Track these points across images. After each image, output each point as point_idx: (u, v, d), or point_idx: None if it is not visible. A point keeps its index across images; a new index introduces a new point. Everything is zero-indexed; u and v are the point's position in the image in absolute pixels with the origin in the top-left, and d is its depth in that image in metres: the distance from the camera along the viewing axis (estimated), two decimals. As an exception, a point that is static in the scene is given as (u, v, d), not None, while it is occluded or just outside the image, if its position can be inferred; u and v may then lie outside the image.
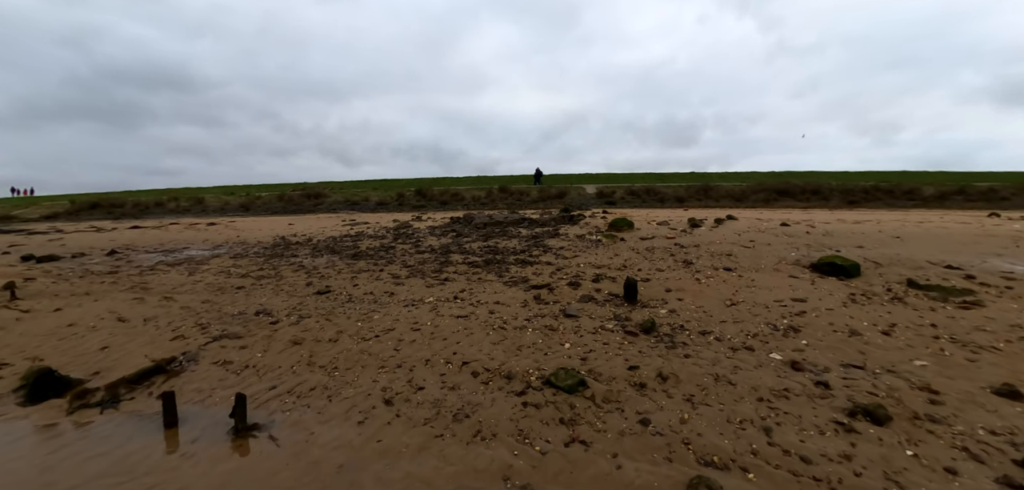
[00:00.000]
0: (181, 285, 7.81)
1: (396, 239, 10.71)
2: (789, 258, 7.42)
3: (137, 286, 7.83)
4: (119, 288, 7.76)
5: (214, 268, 9.24)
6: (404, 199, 30.28)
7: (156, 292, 7.35)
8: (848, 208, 24.24)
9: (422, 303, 5.70)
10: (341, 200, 31.85)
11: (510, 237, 9.99)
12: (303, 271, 8.31)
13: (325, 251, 10.13)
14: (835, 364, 3.74)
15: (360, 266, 8.36)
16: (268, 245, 11.82)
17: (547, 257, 8.00)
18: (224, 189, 43.94)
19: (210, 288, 7.45)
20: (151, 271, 9.34)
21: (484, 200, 30.60)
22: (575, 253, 8.25)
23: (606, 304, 5.40)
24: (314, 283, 7.34)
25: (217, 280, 8.03)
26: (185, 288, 7.52)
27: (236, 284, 7.61)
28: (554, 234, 10.03)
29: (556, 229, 10.73)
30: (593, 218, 12.93)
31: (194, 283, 7.89)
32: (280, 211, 30.00)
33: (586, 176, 43.84)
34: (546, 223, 11.44)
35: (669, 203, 27.94)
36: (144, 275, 8.92)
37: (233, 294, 6.95)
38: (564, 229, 10.84)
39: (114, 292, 7.42)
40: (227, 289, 7.33)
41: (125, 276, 8.87)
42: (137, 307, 6.27)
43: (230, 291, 7.20)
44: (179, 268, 9.47)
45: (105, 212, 35.28)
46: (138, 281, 8.22)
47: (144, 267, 9.94)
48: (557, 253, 8.28)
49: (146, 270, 9.49)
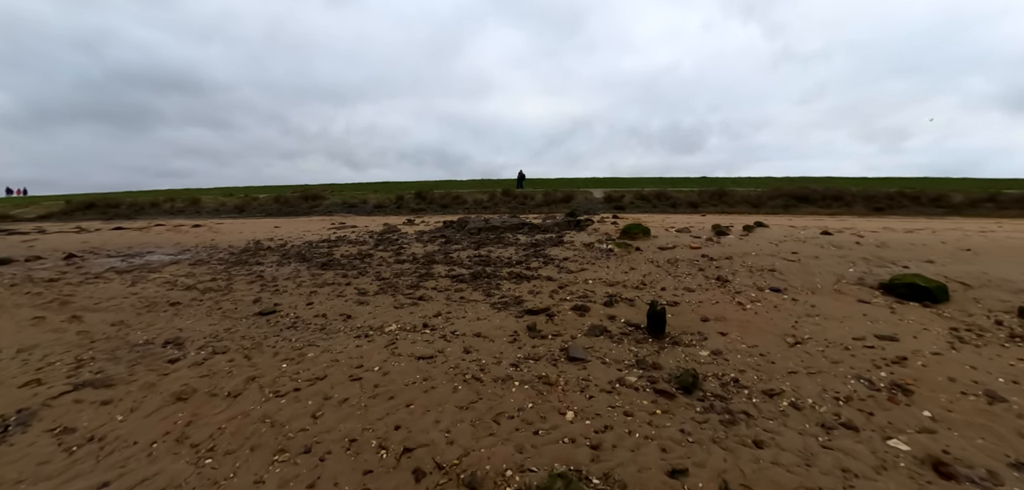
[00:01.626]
0: (110, 299, 6.53)
1: (377, 245, 9.37)
2: (849, 276, 5.97)
3: (57, 299, 6.55)
4: (34, 301, 6.48)
5: (163, 277, 7.97)
6: (403, 202, 28.98)
7: (72, 308, 6.07)
8: (875, 215, 22.62)
9: (379, 333, 4.33)
10: (339, 202, 30.63)
11: (506, 245, 8.61)
12: (258, 283, 6.99)
13: (294, 258, 8.81)
14: (999, 462, 2.32)
15: (326, 278, 7.02)
16: (237, 250, 10.53)
17: (548, 270, 6.61)
18: (223, 191, 42.97)
19: (141, 303, 6.16)
20: (93, 279, 8.09)
21: (486, 203, 29.26)
22: (582, 265, 6.85)
23: (624, 339, 4.00)
24: (263, 300, 6.01)
25: (157, 292, 6.76)
26: (111, 303, 6.23)
27: (174, 299, 6.32)
28: (558, 242, 8.63)
29: (560, 236, 9.34)
30: (602, 224, 11.52)
31: (127, 296, 6.61)
32: (275, 213, 28.83)
33: (593, 180, 42.43)
34: (549, 229, 10.06)
35: (682, 208, 26.44)
36: (81, 285, 7.67)
37: (160, 313, 5.64)
38: (570, 236, 9.44)
39: (23, 306, 6.13)
40: (159, 305, 6.04)
41: (58, 285, 7.63)
42: (27, 330, 4.96)
43: (161, 308, 5.91)
44: (125, 276, 8.23)
45: (99, 212, 34.30)
46: (65, 293, 6.95)
47: (90, 274, 8.71)
48: (560, 265, 6.88)
49: (89, 278, 8.25)
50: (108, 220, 29.21)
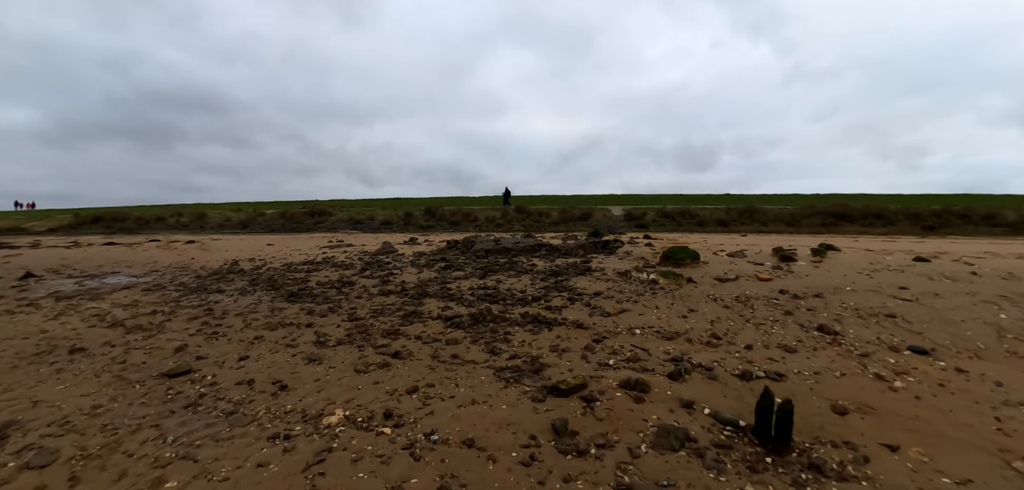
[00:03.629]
0: (8, 339, 5.02)
1: (364, 269, 7.77)
2: (1009, 326, 4.15)
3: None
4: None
5: (101, 307, 6.53)
6: (412, 219, 27.55)
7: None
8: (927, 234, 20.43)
9: (313, 429, 2.67)
10: (345, 219, 29.35)
11: (519, 272, 6.93)
12: (200, 320, 5.45)
13: (262, 286, 7.25)
14: None
15: (286, 315, 5.42)
16: (206, 273, 9.04)
17: (576, 311, 4.91)
18: (232, 206, 42.22)
19: (37, 347, 4.69)
20: (24, 306, 6.69)
21: (499, 221, 27.69)
22: (621, 304, 5.14)
23: (723, 458, 2.28)
24: (188, 348, 4.45)
25: (73, 330, 5.39)
26: None
27: (85, 342, 4.83)
28: (584, 269, 6.93)
29: (586, 261, 7.63)
30: (634, 245, 9.79)
31: (32, 334, 5.14)
32: (279, 229, 27.63)
33: (612, 197, 40.64)
34: (572, 252, 8.34)
35: (710, 227, 24.54)
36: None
37: (42, 366, 4.10)
38: (598, 261, 7.73)
39: None
40: (58, 350, 4.55)
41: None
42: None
43: (53, 357, 4.37)
44: (62, 303, 6.87)
45: (105, 227, 33.63)
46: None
47: (24, 300, 7.34)
48: (591, 303, 5.17)
49: (21, 305, 6.87)
50: (112, 234, 28.42)
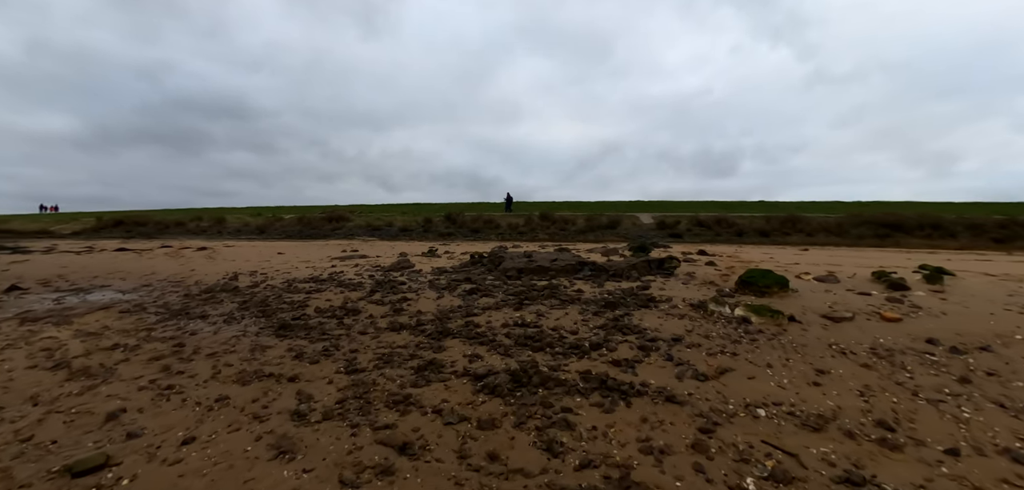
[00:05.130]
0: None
1: (375, 291, 6.53)
2: None
3: None
4: None
5: (57, 338, 5.43)
6: (431, 225, 26.45)
7: None
8: (996, 248, 18.38)
9: None
10: (363, 224, 28.45)
11: (563, 300, 5.58)
12: (163, 362, 4.28)
13: (253, 311, 6.08)
14: None
15: (269, 357, 4.21)
16: (199, 291, 7.95)
17: (655, 369, 3.55)
18: (251, 210, 41.84)
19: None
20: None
21: (522, 229, 26.39)
22: (715, 356, 3.76)
23: None
24: (127, 411, 3.24)
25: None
26: None
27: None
28: (646, 299, 5.54)
29: (644, 285, 6.24)
30: (693, 264, 8.32)
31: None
32: (295, 235, 26.83)
33: (639, 203, 38.95)
34: (622, 272, 6.92)
35: (750, 237, 22.80)
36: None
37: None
38: (657, 285, 6.34)
39: None
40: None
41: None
42: None
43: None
44: (21, 328, 5.75)
45: (125, 231, 33.50)
46: None
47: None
48: (673, 355, 3.80)
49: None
50: (130, 238, 28.12)
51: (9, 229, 37.21)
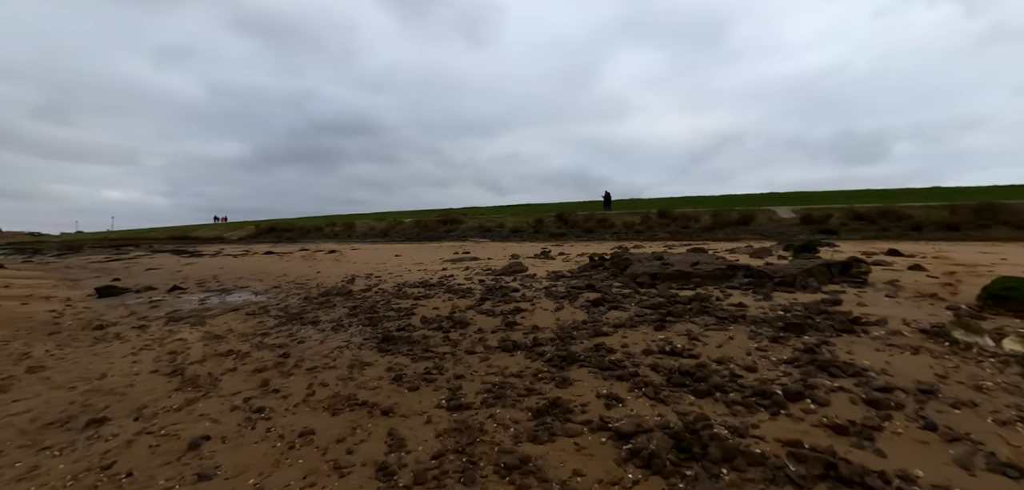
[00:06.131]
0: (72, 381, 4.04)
1: (484, 299, 5.82)
2: None
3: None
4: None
5: (186, 339, 5.59)
6: (542, 226, 25.80)
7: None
8: None
9: None
10: (475, 226, 28.82)
11: (720, 317, 4.29)
12: (257, 379, 3.94)
13: (362, 318, 5.75)
14: None
15: (367, 377, 3.65)
16: (319, 294, 8.03)
17: (909, 446, 2.22)
18: (376, 215, 45.27)
19: (64, 403, 3.47)
20: (133, 327, 6.07)
21: (639, 227, 24.55)
22: (1010, 427, 2.30)
23: None
24: (211, 438, 2.83)
25: (121, 378, 4.14)
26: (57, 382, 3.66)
27: (104, 413, 3.54)
28: (842, 319, 4.03)
29: (831, 297, 4.68)
30: (892, 270, 6.34)
31: (77, 383, 4.07)
32: (413, 237, 28.02)
33: (774, 196, 34.40)
34: (790, 279, 5.30)
35: (929, 231, 18.49)
36: (97, 343, 5.61)
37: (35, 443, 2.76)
38: (850, 298, 4.74)
39: None
40: (75, 422, 3.26)
41: (77, 333, 5.73)
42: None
43: (75, 424, 3.10)
44: (165, 326, 6.20)
45: (276, 236, 38.17)
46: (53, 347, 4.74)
47: (147, 317, 7.00)
48: (935, 420, 2.42)
49: (133, 325, 6.38)
50: (278, 242, 31.85)
51: (194, 235, 44.62)
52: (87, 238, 61.68)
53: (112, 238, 52.00)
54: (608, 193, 32.22)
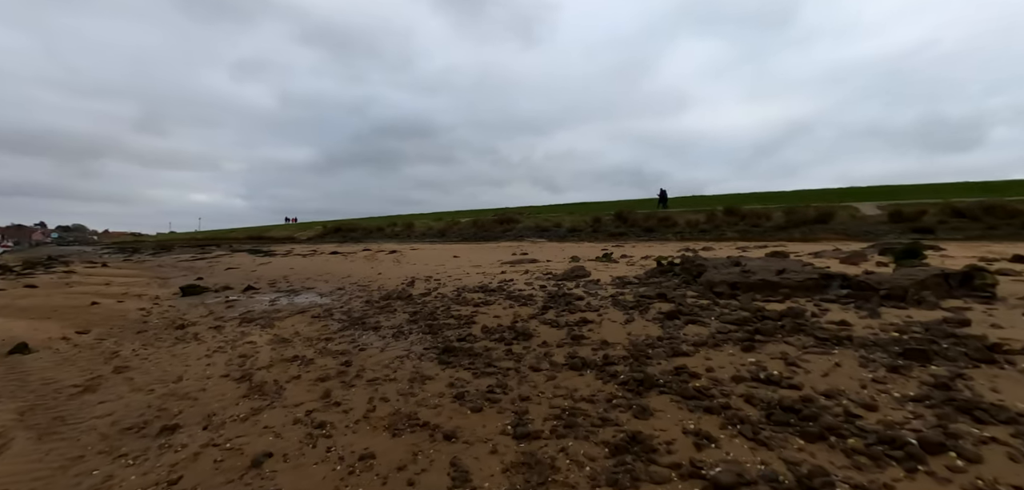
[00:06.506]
0: (152, 384, 4.22)
1: (547, 307, 5.55)
2: None
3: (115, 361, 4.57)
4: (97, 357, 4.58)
5: (255, 343, 5.74)
6: (600, 225, 25.13)
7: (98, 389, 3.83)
8: None
9: None
10: (532, 226, 28.58)
11: (821, 338, 3.74)
12: (320, 389, 3.90)
13: (423, 324, 5.67)
14: None
15: (428, 392, 3.50)
16: (381, 296, 8.11)
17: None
18: (434, 215, 46.17)
19: (140, 406, 3.59)
20: (210, 328, 6.36)
21: (704, 226, 23.31)
22: None
23: None
24: (274, 455, 2.76)
25: (190, 386, 4.26)
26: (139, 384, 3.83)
27: (176, 419, 3.61)
28: (976, 345, 3.39)
29: (956, 316, 3.99)
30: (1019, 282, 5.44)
31: (154, 386, 4.26)
32: (471, 237, 28.23)
33: (854, 191, 31.56)
34: (900, 291, 4.61)
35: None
36: (175, 344, 5.90)
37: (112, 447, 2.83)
38: (979, 316, 4.03)
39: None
40: (148, 427, 3.35)
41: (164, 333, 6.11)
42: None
43: (148, 430, 3.18)
44: (238, 329, 6.51)
45: (341, 236, 39.87)
46: (138, 348, 5.01)
47: (223, 317, 7.51)
48: None
49: (210, 325, 6.73)
50: (343, 242, 33.23)
51: (268, 236, 47.55)
52: (178, 238, 67.77)
53: (198, 238, 56.77)
54: (664, 191, 30.76)
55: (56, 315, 8.11)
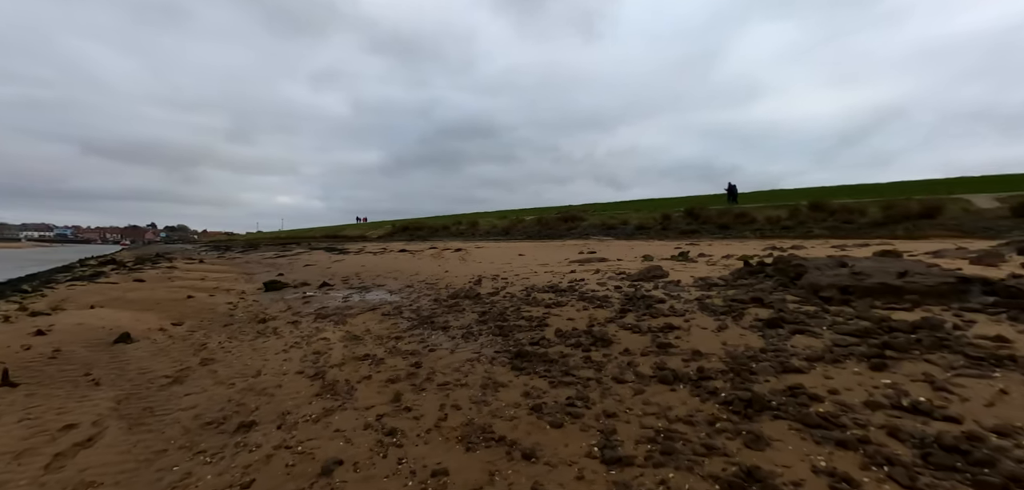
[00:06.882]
0: (237, 375, 4.35)
1: (625, 310, 5.14)
2: None
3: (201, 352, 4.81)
4: (182, 349, 4.82)
5: (328, 340, 5.79)
6: (670, 222, 23.94)
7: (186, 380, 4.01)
8: None
9: None
10: (597, 224, 27.84)
11: (973, 358, 3.06)
12: (390, 391, 3.78)
13: (492, 325, 5.46)
14: None
15: (501, 401, 3.26)
16: (448, 295, 8.04)
17: None
18: (498, 214, 46.46)
19: (221, 403, 3.65)
20: (287, 324, 6.58)
21: (787, 223, 21.50)
22: None
23: None
24: (344, 463, 2.63)
25: (267, 381, 4.31)
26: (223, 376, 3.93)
27: (252, 415, 3.62)
28: None
29: None
30: None
31: (233, 381, 4.37)
32: (534, 235, 28.00)
33: (965, 180, 27.84)
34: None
35: None
36: (256, 338, 6.13)
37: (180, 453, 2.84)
38: None
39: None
40: (227, 423, 3.38)
41: (245, 327, 6.39)
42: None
43: (227, 427, 3.20)
44: (314, 324, 6.72)
45: (408, 235, 41.13)
46: (225, 339, 5.23)
47: (299, 313, 7.76)
48: None
49: (288, 320, 6.97)
50: (411, 241, 34.23)
51: (342, 235, 50.11)
52: (264, 237, 73.71)
53: (281, 237, 61.37)
54: (733, 185, 28.43)
55: (157, 307, 8.78)
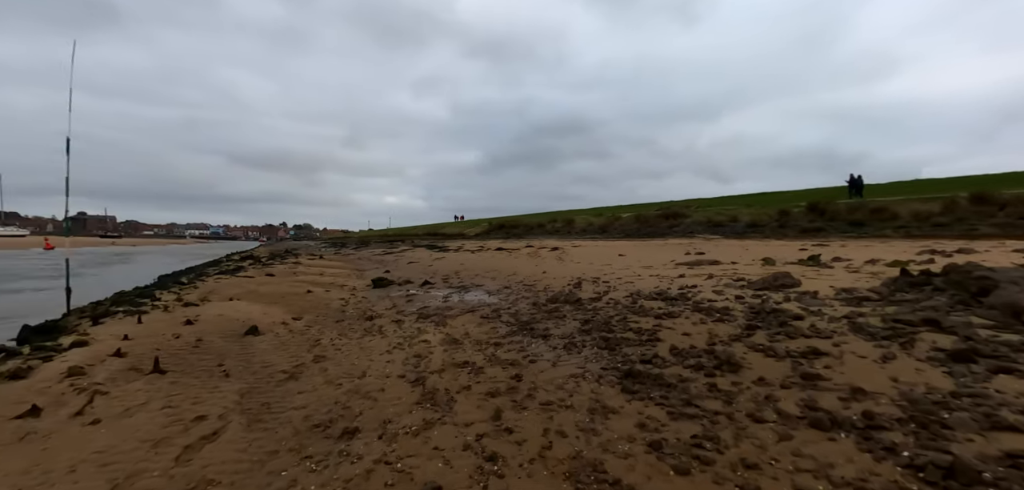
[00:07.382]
0: (342, 377, 4.52)
1: (752, 326, 4.43)
2: None
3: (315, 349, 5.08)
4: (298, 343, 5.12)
5: (428, 344, 5.82)
6: (788, 219, 21.47)
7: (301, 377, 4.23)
8: None
9: None
10: (701, 221, 25.91)
11: None
12: (491, 406, 3.59)
13: (596, 336, 5.08)
14: None
15: (611, 431, 2.89)
16: (547, 298, 7.80)
17: None
18: (594, 211, 45.44)
19: (328, 403, 3.74)
20: (392, 321, 6.81)
21: (940, 218, 18.18)
22: None
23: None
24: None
25: (371, 383, 4.38)
26: (333, 375, 4.08)
27: (357, 420, 3.64)
28: None
29: None
30: None
31: (342, 378, 4.49)
32: (633, 234, 26.85)
33: None
34: None
35: None
36: (364, 337, 6.38)
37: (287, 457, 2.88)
38: None
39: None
40: (333, 426, 3.42)
41: (360, 324, 6.70)
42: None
43: (333, 431, 3.26)
44: (416, 324, 6.88)
45: (504, 233, 41.83)
46: (337, 336, 5.49)
47: (403, 312, 7.99)
48: None
49: (394, 318, 7.26)
50: (507, 239, 34.70)
51: (442, 232, 52.44)
52: (374, 234, 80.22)
53: (389, 235, 66.23)
54: (857, 177, 24.38)
55: (282, 301, 9.61)
